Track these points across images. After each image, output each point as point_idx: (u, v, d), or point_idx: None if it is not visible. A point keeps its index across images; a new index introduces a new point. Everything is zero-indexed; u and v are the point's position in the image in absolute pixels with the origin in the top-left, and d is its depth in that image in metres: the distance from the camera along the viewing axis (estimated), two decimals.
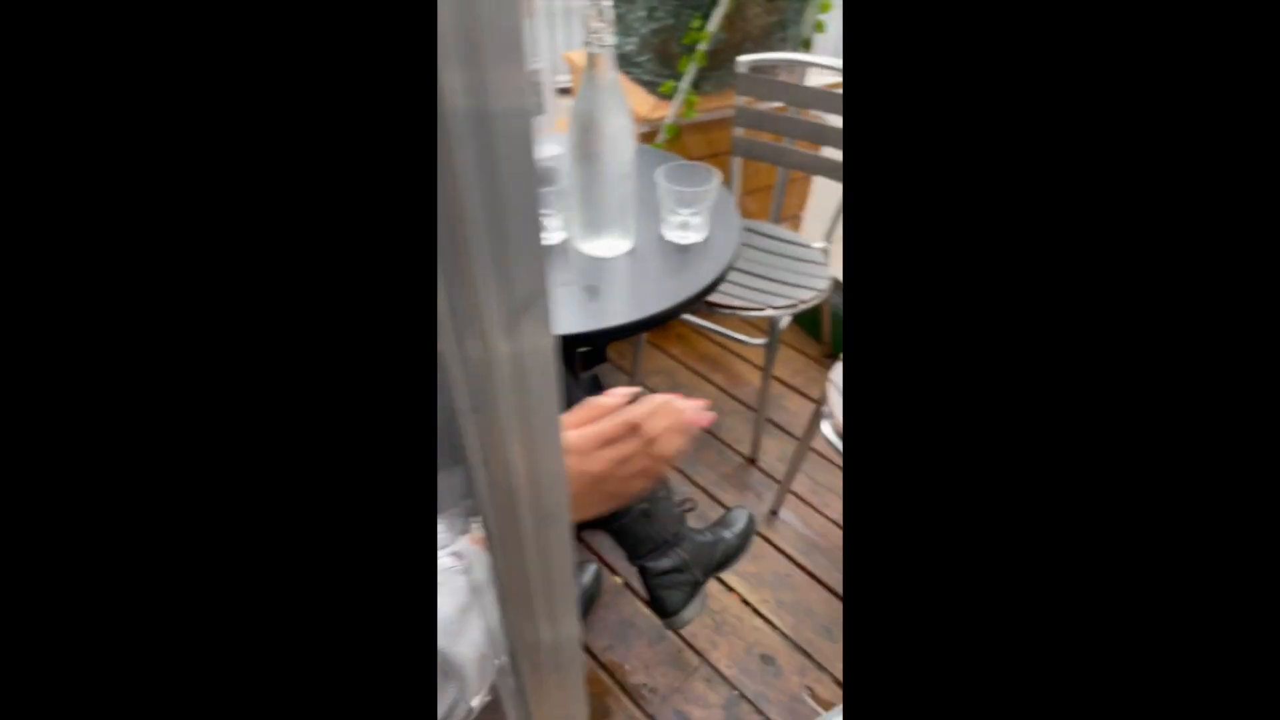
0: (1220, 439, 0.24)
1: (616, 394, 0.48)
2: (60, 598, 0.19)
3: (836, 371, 1.10)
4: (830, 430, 1.06)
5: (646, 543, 0.92)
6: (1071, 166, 0.24)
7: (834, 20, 1.55)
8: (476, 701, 0.40)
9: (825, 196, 1.71)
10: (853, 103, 0.27)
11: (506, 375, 0.19)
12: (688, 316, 1.44)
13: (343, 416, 0.21)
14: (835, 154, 1.33)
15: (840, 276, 1.62)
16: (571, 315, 0.79)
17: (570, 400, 0.98)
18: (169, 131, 0.18)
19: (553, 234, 0.88)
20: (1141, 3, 0.23)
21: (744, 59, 1.35)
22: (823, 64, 1.38)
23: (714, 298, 1.24)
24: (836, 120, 1.33)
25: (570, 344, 1.09)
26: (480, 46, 0.14)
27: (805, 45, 1.51)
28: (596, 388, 1.60)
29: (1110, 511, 0.25)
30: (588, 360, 1.58)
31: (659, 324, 0.81)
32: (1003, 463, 0.26)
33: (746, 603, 1.20)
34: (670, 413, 0.45)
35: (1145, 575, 0.25)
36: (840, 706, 0.91)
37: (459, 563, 0.41)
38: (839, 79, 1.53)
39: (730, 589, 1.21)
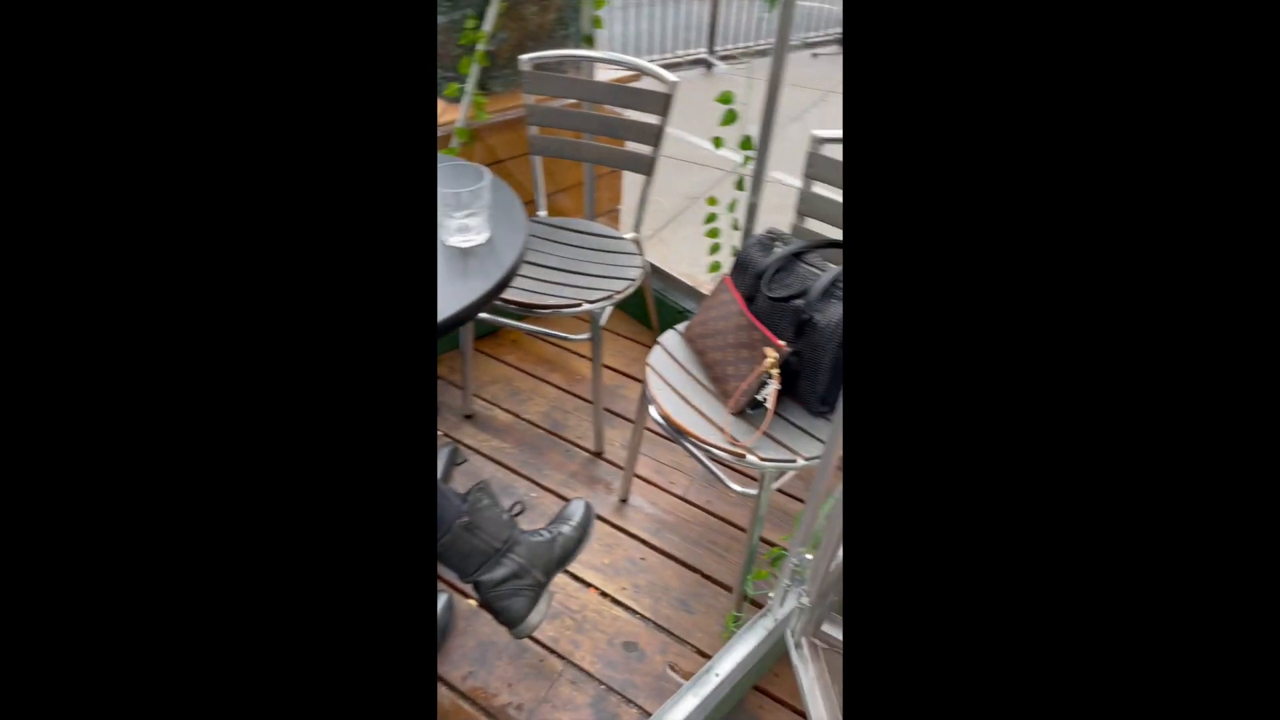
0: (1219, 441, 0.23)
1: None
2: (61, 596, 0.19)
3: (653, 355, 1.13)
4: (655, 411, 1.09)
5: (475, 556, 0.89)
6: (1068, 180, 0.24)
7: (609, 16, 1.59)
8: None
9: (636, 190, 1.76)
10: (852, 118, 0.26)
11: None
12: (511, 322, 1.42)
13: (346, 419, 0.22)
14: (636, 148, 1.36)
15: (655, 262, 1.67)
16: None
17: None
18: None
19: None
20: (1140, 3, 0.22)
21: (526, 57, 1.35)
22: (605, 59, 1.41)
23: (529, 299, 1.22)
24: (631, 114, 1.36)
25: None
26: None
27: (588, 41, 1.53)
28: None
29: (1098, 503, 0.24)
30: None
31: (447, 331, 0.78)
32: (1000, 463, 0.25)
33: (605, 595, 1.20)
34: None
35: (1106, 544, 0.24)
36: (697, 674, 0.94)
37: None
38: (624, 73, 1.58)
39: (588, 585, 1.21)
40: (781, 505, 1.38)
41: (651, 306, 1.70)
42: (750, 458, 0.95)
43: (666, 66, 1.32)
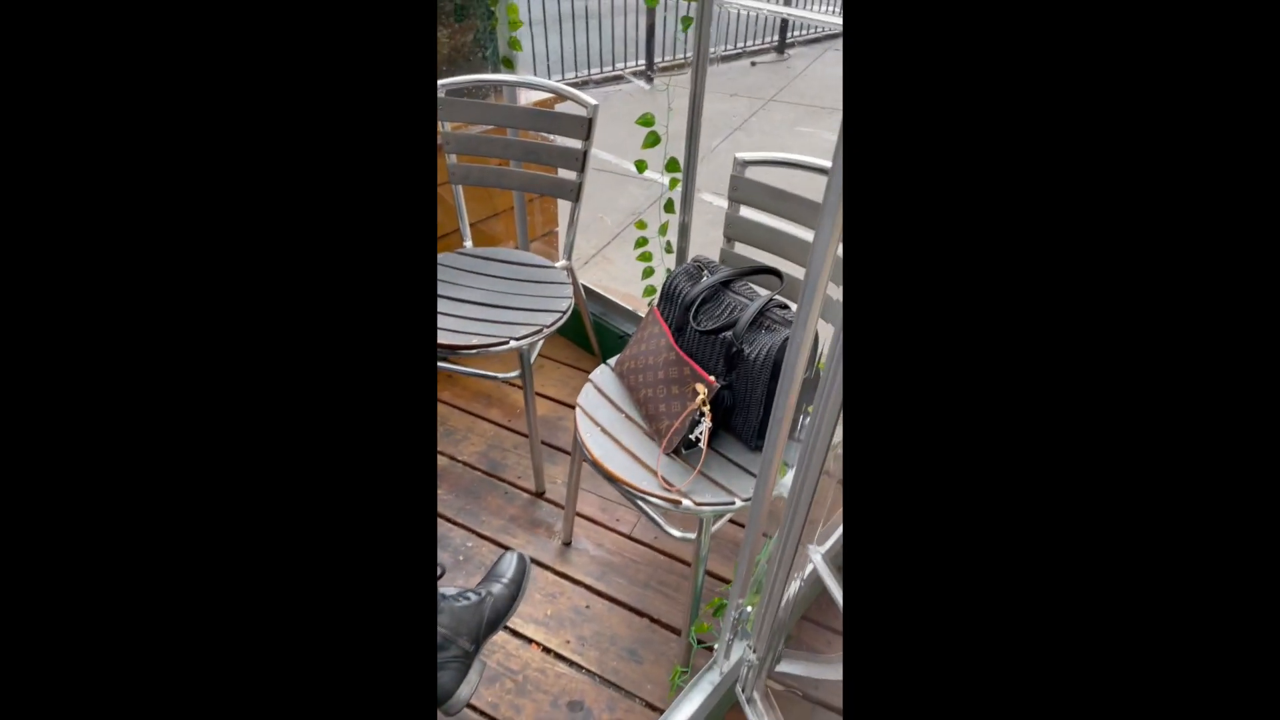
0: (1220, 443, 0.22)
1: None
2: (61, 597, 0.20)
3: (583, 394, 1.07)
4: (587, 456, 1.03)
5: None
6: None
7: (542, 32, 1.54)
8: None
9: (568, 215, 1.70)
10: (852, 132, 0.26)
11: None
12: (440, 363, 1.34)
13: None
14: (566, 173, 1.31)
15: (589, 285, 1.62)
16: None
17: None
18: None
19: None
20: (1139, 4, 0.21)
21: (440, 83, 1.28)
22: (519, 82, 1.35)
23: (452, 339, 1.15)
24: (559, 140, 1.31)
25: None
26: None
27: (507, 64, 1.48)
28: None
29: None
30: None
31: None
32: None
33: (548, 651, 1.13)
34: None
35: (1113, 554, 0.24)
36: None
37: None
38: (545, 96, 1.52)
39: (530, 641, 1.14)
40: (732, 536, 1.33)
41: (591, 333, 1.64)
42: (686, 503, 0.89)
43: (604, 81, 1.28)
